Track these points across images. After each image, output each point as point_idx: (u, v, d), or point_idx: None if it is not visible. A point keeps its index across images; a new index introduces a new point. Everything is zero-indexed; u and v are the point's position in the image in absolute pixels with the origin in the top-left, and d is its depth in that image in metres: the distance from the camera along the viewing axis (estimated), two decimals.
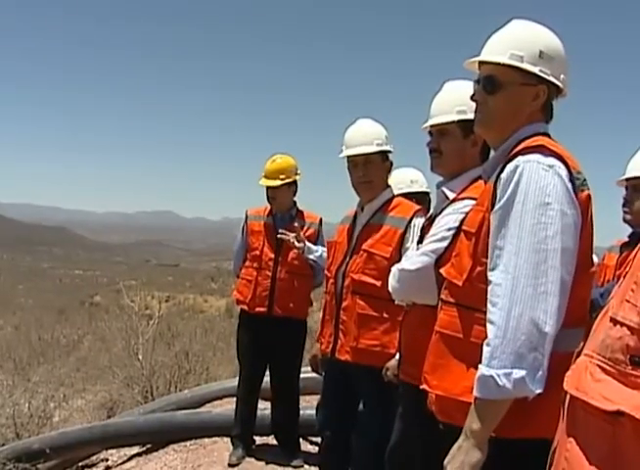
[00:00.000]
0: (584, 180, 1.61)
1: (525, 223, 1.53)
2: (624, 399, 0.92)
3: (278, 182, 4.05)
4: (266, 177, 4.10)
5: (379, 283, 2.84)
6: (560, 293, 1.49)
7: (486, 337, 1.54)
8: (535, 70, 1.71)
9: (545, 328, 1.47)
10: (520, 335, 1.47)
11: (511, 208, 1.56)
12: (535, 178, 1.55)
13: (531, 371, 1.47)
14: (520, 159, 1.61)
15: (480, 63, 1.82)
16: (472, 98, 1.83)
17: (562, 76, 1.75)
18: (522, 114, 1.74)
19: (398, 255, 2.79)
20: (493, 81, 1.75)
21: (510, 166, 1.61)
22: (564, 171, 1.58)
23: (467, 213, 1.88)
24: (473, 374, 1.58)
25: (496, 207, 1.61)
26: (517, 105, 1.74)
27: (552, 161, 1.58)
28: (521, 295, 1.49)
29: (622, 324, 0.96)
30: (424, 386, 1.85)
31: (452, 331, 1.72)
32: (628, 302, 0.98)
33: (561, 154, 1.61)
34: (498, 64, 1.74)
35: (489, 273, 1.59)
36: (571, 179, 1.58)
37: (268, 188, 4.09)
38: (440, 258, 2.10)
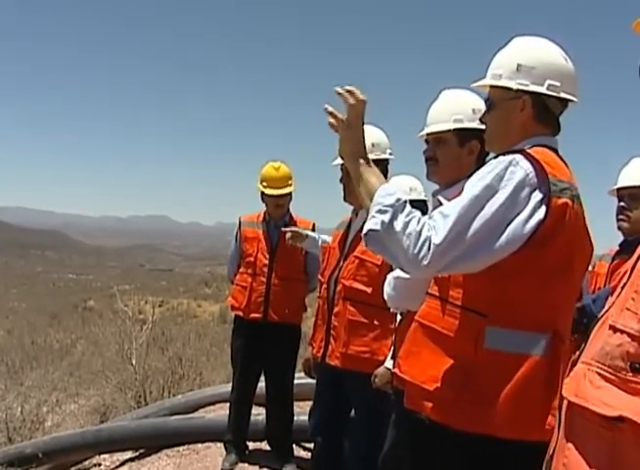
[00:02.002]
0: (565, 189, 1.63)
1: (470, 193, 1.60)
2: (625, 406, 0.93)
3: (287, 189, 4.09)
4: (272, 186, 4.08)
5: (369, 290, 2.86)
6: (457, 245, 1.55)
7: (456, 328, 1.67)
8: (512, 84, 1.78)
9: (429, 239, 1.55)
10: (408, 220, 1.56)
11: (470, 178, 1.66)
12: (500, 168, 1.62)
13: (384, 224, 1.56)
14: (500, 156, 1.68)
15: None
16: (480, 120, 1.94)
17: (548, 82, 1.77)
18: (513, 126, 1.82)
19: None
20: (489, 102, 1.88)
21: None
22: (533, 178, 1.61)
23: None
24: (440, 364, 1.68)
25: None
26: (507, 118, 1.82)
27: (527, 165, 1.62)
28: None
29: (622, 331, 0.98)
30: (395, 369, 1.93)
31: (429, 321, 1.78)
32: (629, 310, 1.00)
33: (539, 160, 1.64)
34: (492, 86, 1.85)
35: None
36: (543, 185, 1.61)
37: (274, 196, 4.08)
38: None
